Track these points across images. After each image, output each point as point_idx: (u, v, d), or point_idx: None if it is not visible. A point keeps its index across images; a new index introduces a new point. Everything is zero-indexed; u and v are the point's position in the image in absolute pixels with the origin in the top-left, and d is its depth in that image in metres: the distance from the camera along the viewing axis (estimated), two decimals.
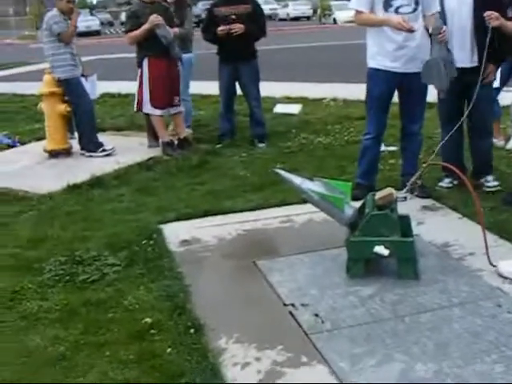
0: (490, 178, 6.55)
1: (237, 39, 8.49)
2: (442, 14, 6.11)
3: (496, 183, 6.49)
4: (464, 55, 6.10)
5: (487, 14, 5.81)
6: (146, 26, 8.25)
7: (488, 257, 4.85)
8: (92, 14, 63.00)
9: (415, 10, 6.09)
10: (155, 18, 8.21)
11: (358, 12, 6.27)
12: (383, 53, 6.21)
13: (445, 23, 6.02)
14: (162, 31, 8.24)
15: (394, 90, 6.40)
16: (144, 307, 4.41)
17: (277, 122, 10.33)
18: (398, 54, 6.14)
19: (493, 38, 5.43)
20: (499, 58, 6.27)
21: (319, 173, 6.80)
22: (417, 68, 6.14)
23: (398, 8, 6.06)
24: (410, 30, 5.91)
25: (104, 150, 8.71)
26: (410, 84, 6.26)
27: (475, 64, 6.00)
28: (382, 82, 6.29)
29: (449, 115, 6.28)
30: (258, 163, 8.02)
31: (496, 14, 5.81)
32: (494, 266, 4.80)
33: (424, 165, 5.67)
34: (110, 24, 67.12)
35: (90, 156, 8.70)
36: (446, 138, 6.14)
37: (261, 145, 8.93)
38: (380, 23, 6.13)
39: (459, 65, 6.07)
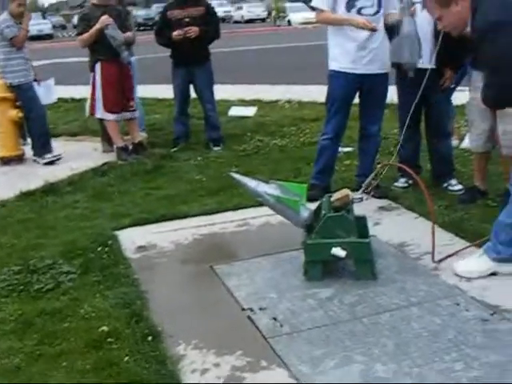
0: (453, 181, 6.59)
1: (191, 42, 8.45)
2: None
3: (460, 187, 6.52)
4: (424, 57, 6.13)
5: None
6: (96, 26, 8.18)
7: (433, 254, 4.92)
8: (44, 18, 62.48)
9: (377, 12, 6.11)
10: (105, 19, 8.15)
11: (319, 10, 6.24)
12: (344, 53, 6.20)
13: None
14: (110, 32, 8.15)
15: (355, 92, 6.40)
16: (100, 315, 4.34)
17: (232, 125, 10.32)
18: (360, 54, 6.15)
19: (451, 43, 5.45)
20: (457, 63, 6.30)
21: (275, 175, 6.82)
22: (377, 69, 6.19)
23: (360, 9, 6.06)
24: (373, 29, 5.93)
25: (44, 158, 8.61)
26: (370, 85, 6.28)
27: (434, 66, 6.03)
28: (343, 84, 6.29)
29: (406, 117, 6.29)
30: (213, 167, 7.99)
31: None
32: (435, 261, 4.89)
33: (379, 165, 5.68)
34: (63, 27, 66.65)
35: (35, 161, 8.61)
36: (403, 139, 6.20)
37: (216, 148, 8.90)
38: (343, 22, 6.11)
39: (419, 66, 6.11)
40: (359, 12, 6.06)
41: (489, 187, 6.29)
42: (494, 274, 4.63)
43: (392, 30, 6.13)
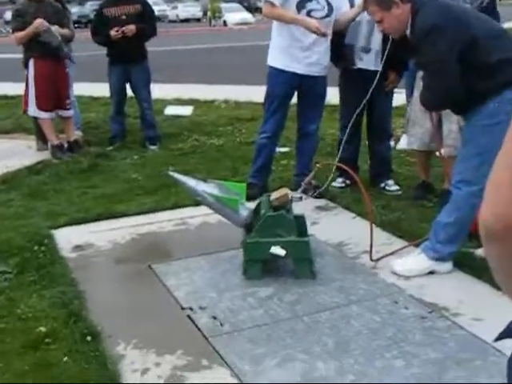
0: (390, 182, 6.66)
1: (128, 40, 8.37)
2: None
3: (397, 187, 6.60)
4: (369, 58, 6.19)
5: None
6: (28, 30, 8.04)
7: (370, 252, 4.98)
8: None
9: (327, 16, 6.12)
10: (39, 24, 7.99)
11: (270, 4, 6.16)
12: (287, 52, 6.21)
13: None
14: (46, 37, 8.02)
15: (293, 91, 6.42)
16: (38, 316, 4.26)
17: (168, 124, 10.26)
18: (303, 55, 6.17)
19: (396, 45, 5.51)
20: (402, 67, 6.38)
21: (212, 174, 6.81)
22: (318, 72, 6.22)
23: (310, 11, 6.07)
24: (324, 35, 5.94)
25: None
26: (310, 86, 6.30)
27: (378, 69, 6.09)
28: (282, 82, 6.30)
29: (349, 117, 6.32)
30: (150, 166, 7.93)
31: None
32: (373, 260, 4.95)
33: (318, 165, 5.72)
34: None
35: None
36: (345, 139, 6.26)
37: (153, 147, 8.84)
38: (295, 21, 6.08)
39: (363, 66, 6.17)
40: (309, 14, 6.07)
41: None
42: (431, 272, 4.70)
43: (341, 35, 6.19)
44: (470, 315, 4.11)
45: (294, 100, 6.61)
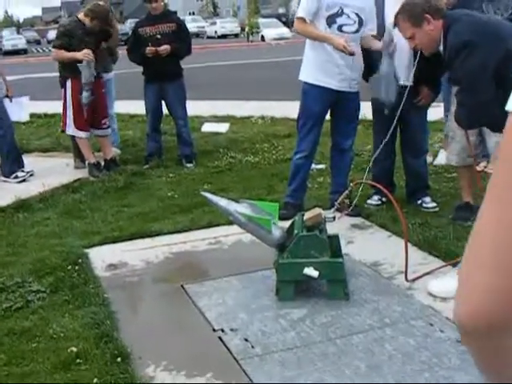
0: (427, 199, 6.55)
1: (163, 59, 8.40)
2: (382, 29, 6.13)
3: (434, 204, 6.49)
4: (401, 72, 6.13)
5: None
6: (73, 56, 8.12)
7: (406, 272, 4.90)
8: (18, 33, 62.35)
9: (358, 30, 6.11)
10: (86, 56, 8.07)
11: (302, 20, 6.17)
12: (322, 68, 6.19)
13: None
14: (83, 67, 8.09)
15: (328, 107, 6.40)
16: (69, 335, 4.28)
17: (205, 142, 10.28)
18: (337, 71, 6.14)
19: (428, 61, 5.46)
20: (433, 82, 6.30)
21: (248, 192, 6.81)
22: (352, 88, 6.22)
23: (341, 26, 6.05)
24: (351, 54, 5.91)
25: (16, 177, 8.46)
26: (344, 101, 6.27)
27: (411, 83, 6.04)
28: (318, 98, 6.28)
29: (382, 134, 6.26)
30: (185, 184, 7.95)
31: None
32: (408, 281, 4.87)
33: (352, 184, 5.67)
34: (37, 42, 66.51)
35: (5, 181, 8.47)
36: (376, 155, 6.18)
37: (189, 165, 8.86)
38: (323, 39, 6.09)
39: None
40: (340, 29, 6.06)
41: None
42: None
43: (368, 52, 6.16)
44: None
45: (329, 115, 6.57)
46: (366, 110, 6.76)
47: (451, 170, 6.72)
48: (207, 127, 11.34)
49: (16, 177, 8.41)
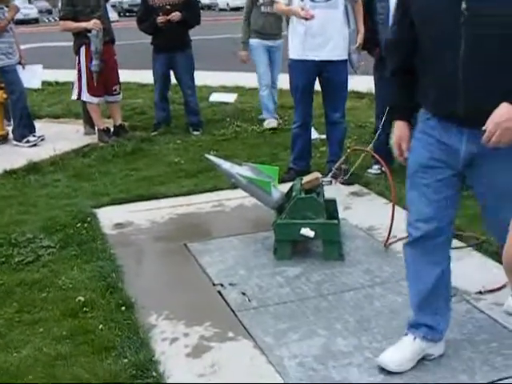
0: None
1: (172, 29, 8.58)
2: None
3: None
4: None
5: None
6: (84, 25, 8.31)
7: (388, 236, 5.10)
8: (30, 2, 62.10)
9: None
10: (95, 26, 8.27)
11: (275, 1, 6.53)
12: (301, 42, 6.39)
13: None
14: (92, 36, 8.30)
15: (314, 80, 6.60)
16: (77, 287, 4.53)
17: (212, 111, 10.47)
18: (315, 42, 6.32)
19: None
20: None
21: (252, 159, 6.99)
22: (335, 56, 6.39)
23: None
24: (307, 19, 6.11)
25: (28, 141, 8.68)
26: (329, 73, 6.46)
27: None
28: (301, 72, 6.51)
29: (383, 106, 6.41)
30: (192, 150, 8.17)
31: None
32: (385, 245, 5.10)
33: (348, 150, 5.85)
34: (49, 12, 66.17)
35: (16, 145, 8.70)
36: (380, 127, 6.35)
37: (195, 132, 9.06)
38: (288, 13, 6.42)
39: None
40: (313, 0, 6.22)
41: None
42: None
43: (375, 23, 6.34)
44: (490, 300, 4.23)
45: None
46: (371, 84, 6.91)
47: None
48: (215, 97, 11.48)
49: (27, 141, 8.63)
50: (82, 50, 8.51)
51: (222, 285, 4.55)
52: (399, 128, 3.47)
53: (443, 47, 3.00)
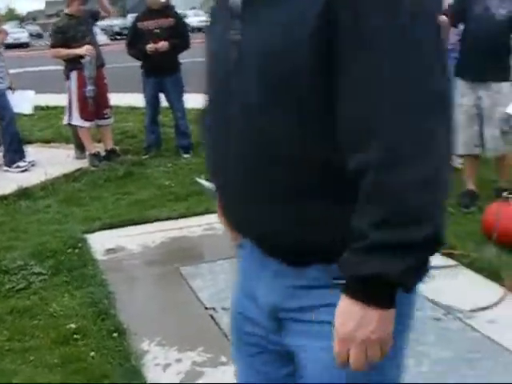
0: None
1: (161, 54, 8.60)
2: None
3: None
4: None
5: None
6: (77, 51, 8.34)
7: None
8: (21, 26, 62.27)
9: None
10: (88, 52, 8.31)
11: None
12: None
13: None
14: (87, 64, 8.33)
15: None
16: (68, 313, 4.50)
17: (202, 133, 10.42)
18: None
19: None
20: None
21: None
22: None
23: None
24: None
25: (18, 167, 8.64)
26: None
27: None
28: None
29: None
30: (182, 173, 8.16)
31: None
32: None
33: None
34: (39, 36, 66.35)
35: (7, 171, 8.66)
36: None
37: (186, 155, 9.04)
38: None
39: None
40: None
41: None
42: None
43: None
44: (484, 317, 4.22)
45: None
46: None
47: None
48: None
49: (18, 166, 8.59)
50: (74, 74, 8.52)
51: (214, 309, 4.52)
52: None
53: None
